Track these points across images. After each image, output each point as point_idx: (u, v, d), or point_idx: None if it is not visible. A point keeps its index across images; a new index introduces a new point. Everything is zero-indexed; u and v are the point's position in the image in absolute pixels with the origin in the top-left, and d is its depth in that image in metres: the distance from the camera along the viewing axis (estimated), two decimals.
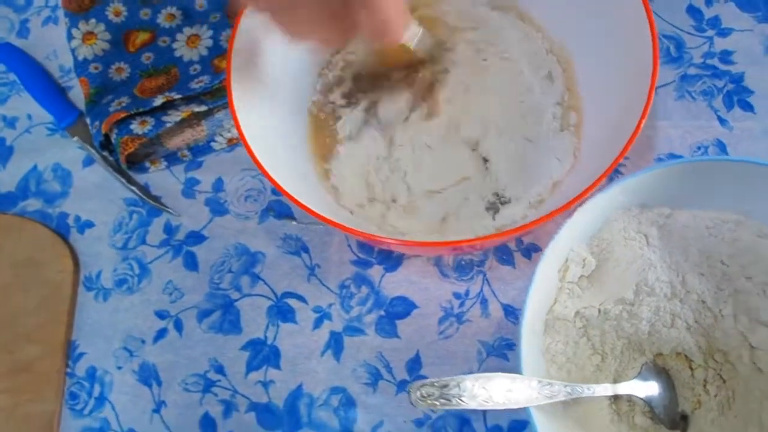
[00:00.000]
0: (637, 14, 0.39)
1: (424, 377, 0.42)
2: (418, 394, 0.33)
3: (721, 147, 0.47)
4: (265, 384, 0.44)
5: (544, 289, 0.37)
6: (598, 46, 0.42)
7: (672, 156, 0.47)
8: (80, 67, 0.53)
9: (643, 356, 0.39)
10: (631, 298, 0.37)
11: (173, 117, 0.49)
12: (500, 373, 0.33)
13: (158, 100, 0.49)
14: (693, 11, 0.51)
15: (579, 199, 0.34)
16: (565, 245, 0.37)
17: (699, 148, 0.47)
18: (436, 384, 0.33)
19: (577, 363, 0.38)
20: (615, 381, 0.39)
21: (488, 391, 0.33)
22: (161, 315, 0.47)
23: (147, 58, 0.53)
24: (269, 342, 0.45)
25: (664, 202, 0.38)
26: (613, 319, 0.37)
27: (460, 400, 0.33)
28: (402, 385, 0.43)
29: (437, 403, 0.33)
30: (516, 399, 0.33)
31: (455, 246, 0.39)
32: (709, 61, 0.49)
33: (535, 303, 0.36)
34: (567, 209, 0.34)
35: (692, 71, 0.49)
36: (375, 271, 0.46)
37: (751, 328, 0.38)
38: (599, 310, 0.37)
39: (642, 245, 0.37)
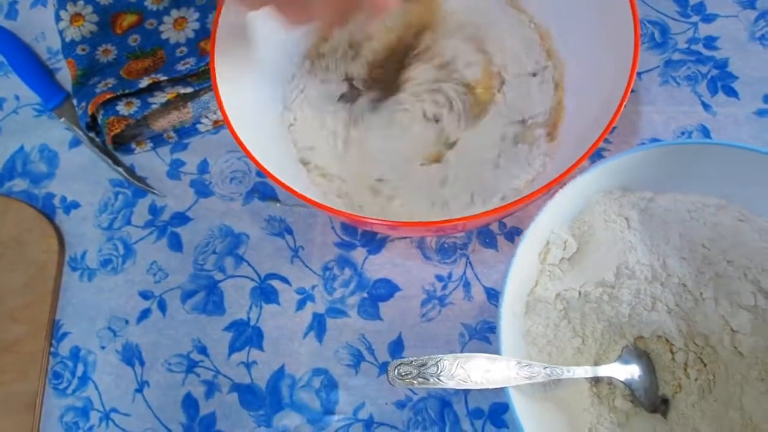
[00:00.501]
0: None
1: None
2: (396, 372, 0.33)
3: (705, 132, 0.47)
4: (248, 365, 0.44)
5: (524, 271, 0.37)
6: (580, 29, 0.42)
7: (655, 141, 0.47)
8: (67, 48, 0.53)
9: (624, 339, 0.39)
10: (611, 281, 0.37)
11: (159, 98, 0.49)
12: (479, 353, 0.34)
13: (144, 82, 0.49)
14: None
15: (559, 180, 0.34)
16: (546, 227, 0.37)
17: (683, 133, 0.47)
18: (414, 362, 0.33)
19: (558, 345, 0.38)
20: (595, 364, 0.39)
21: (466, 371, 0.33)
22: (145, 295, 0.47)
23: (134, 40, 0.53)
24: (252, 323, 0.45)
25: (646, 185, 0.38)
26: (593, 301, 0.37)
27: (438, 379, 0.33)
28: (384, 367, 0.43)
29: (415, 381, 0.33)
30: (494, 379, 0.33)
31: (438, 227, 0.39)
32: (693, 47, 0.49)
33: (516, 285, 0.36)
34: (548, 190, 0.34)
35: (677, 57, 0.49)
36: (358, 254, 0.46)
37: (731, 312, 0.38)
38: (580, 293, 0.37)
39: (623, 228, 0.37)
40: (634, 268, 0.37)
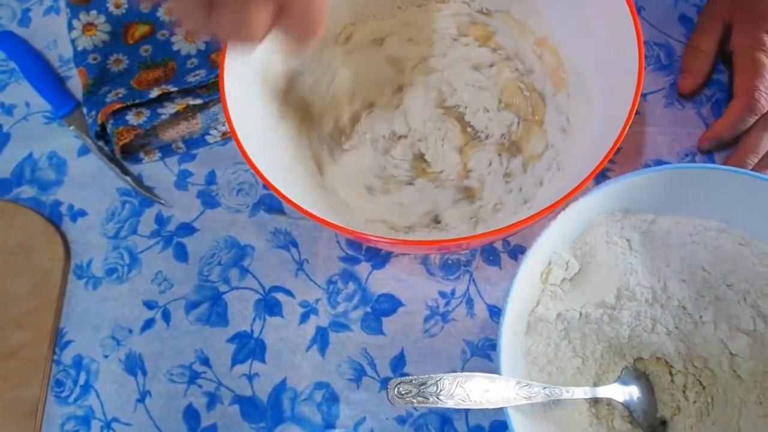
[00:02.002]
0: (625, 23, 0.39)
1: (407, 375, 0.42)
2: (396, 391, 0.33)
3: (710, 157, 0.48)
4: (250, 377, 0.44)
5: (526, 290, 0.37)
6: (586, 51, 0.42)
7: (659, 162, 0.47)
8: (79, 57, 0.53)
9: (624, 360, 0.40)
10: (612, 302, 0.37)
11: (169, 109, 0.49)
12: (479, 373, 0.34)
13: (154, 92, 0.49)
14: (685, 20, 0.51)
15: (563, 201, 0.34)
16: (548, 248, 0.37)
17: (687, 155, 0.48)
18: (414, 381, 0.33)
19: (558, 365, 0.39)
20: (595, 384, 0.39)
21: (466, 391, 0.33)
22: (149, 305, 0.47)
23: (145, 50, 0.54)
24: (255, 335, 0.45)
25: (648, 207, 0.38)
26: (594, 322, 0.38)
27: (438, 398, 0.33)
28: (386, 382, 0.43)
29: (414, 401, 0.33)
30: (494, 399, 0.34)
31: (441, 245, 0.40)
32: None
33: (517, 304, 0.36)
34: (551, 211, 0.35)
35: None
36: (362, 268, 0.46)
37: (730, 336, 0.38)
38: (580, 313, 0.38)
39: (624, 250, 0.38)
40: (634, 290, 0.37)
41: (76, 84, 0.54)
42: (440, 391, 0.33)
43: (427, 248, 0.43)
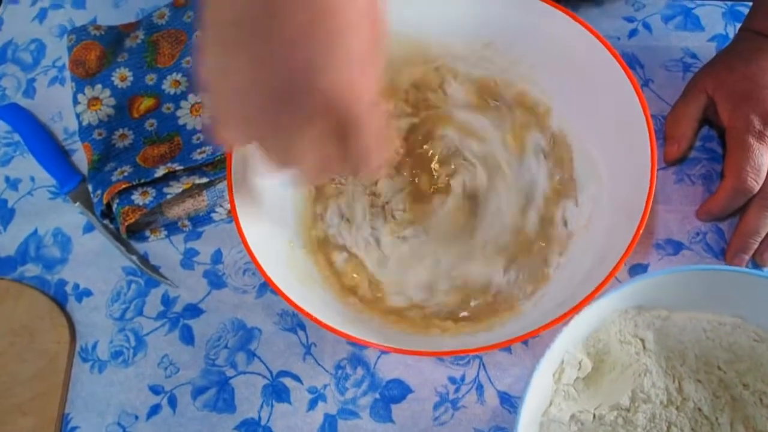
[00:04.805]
0: (633, 108, 0.39)
1: None
2: None
3: (720, 234, 0.47)
4: None
5: (539, 391, 0.36)
6: (595, 141, 0.42)
7: (670, 242, 0.47)
8: (84, 132, 0.53)
9: None
10: (626, 404, 0.37)
11: (174, 188, 0.49)
12: None
13: (160, 171, 0.49)
14: None
15: (577, 310, 0.34)
16: (560, 347, 0.37)
17: (697, 233, 0.47)
18: None
19: None
20: None
21: None
22: (156, 390, 0.46)
23: (150, 124, 0.53)
24: (263, 422, 0.45)
25: (661, 304, 0.38)
26: (608, 425, 0.37)
27: None
28: None
29: None
30: None
31: (454, 354, 0.39)
32: (708, 145, 0.50)
33: (530, 405, 0.36)
34: (564, 320, 0.34)
35: (691, 154, 0.49)
36: (371, 352, 0.46)
37: None
38: (594, 415, 0.37)
39: (638, 350, 0.37)
40: (649, 392, 0.37)
41: (81, 157, 0.54)
42: None
43: (426, 355, 0.43)
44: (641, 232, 0.36)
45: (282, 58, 0.25)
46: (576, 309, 0.34)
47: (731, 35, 0.53)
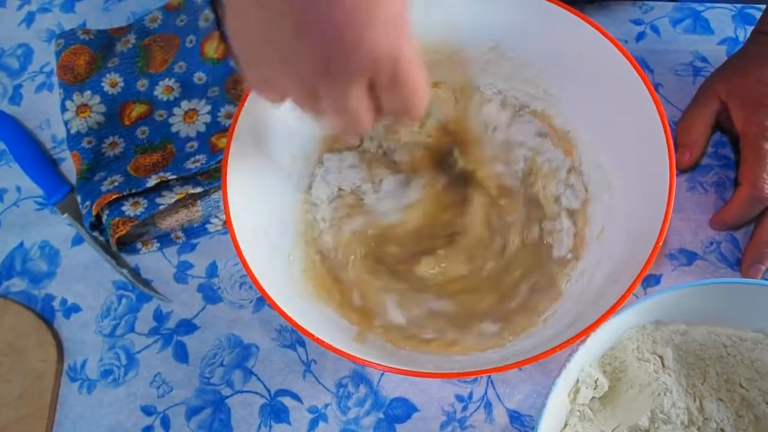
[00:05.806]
0: (648, 114, 0.38)
1: None
2: None
3: (735, 243, 0.45)
4: None
5: (553, 412, 0.34)
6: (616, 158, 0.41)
7: (683, 252, 0.45)
8: (72, 140, 0.51)
9: None
10: (646, 426, 0.35)
11: (167, 199, 0.47)
12: None
13: (152, 181, 0.47)
14: None
15: (594, 328, 0.32)
16: (576, 367, 0.35)
17: (711, 243, 0.46)
18: None
19: None
20: None
21: None
22: (148, 411, 0.44)
23: (142, 132, 0.51)
24: None
25: (680, 318, 0.36)
26: None
27: None
28: None
29: None
30: None
31: (448, 377, 0.38)
32: (720, 151, 0.48)
33: (545, 428, 0.34)
34: (580, 339, 0.32)
35: (704, 161, 0.48)
36: (374, 369, 0.44)
37: None
38: None
39: (657, 368, 0.35)
40: (669, 413, 0.35)
41: (70, 166, 0.52)
42: None
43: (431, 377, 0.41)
44: (660, 245, 0.34)
45: (325, 19, 0.25)
46: (593, 327, 0.32)
47: (741, 38, 0.51)
